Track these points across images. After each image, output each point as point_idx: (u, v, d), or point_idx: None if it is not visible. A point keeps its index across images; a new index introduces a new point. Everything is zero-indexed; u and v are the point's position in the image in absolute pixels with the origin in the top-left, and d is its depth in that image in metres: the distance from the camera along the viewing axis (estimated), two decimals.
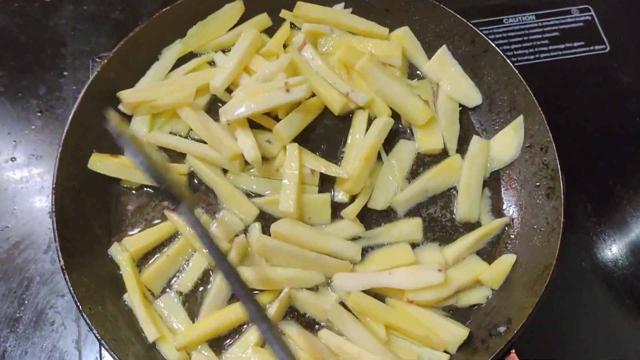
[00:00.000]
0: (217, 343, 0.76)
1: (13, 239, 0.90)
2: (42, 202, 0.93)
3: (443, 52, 0.90)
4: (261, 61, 0.88)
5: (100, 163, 0.82)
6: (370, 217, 0.83)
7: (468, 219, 0.83)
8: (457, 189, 0.84)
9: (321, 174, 0.81)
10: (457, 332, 0.73)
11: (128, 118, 0.87)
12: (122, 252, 0.78)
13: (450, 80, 0.89)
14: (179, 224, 0.80)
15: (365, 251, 0.80)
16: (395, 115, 0.87)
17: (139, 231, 0.81)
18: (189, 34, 0.92)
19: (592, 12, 1.09)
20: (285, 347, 0.60)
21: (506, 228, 0.83)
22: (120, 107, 0.86)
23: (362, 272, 0.77)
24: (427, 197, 0.85)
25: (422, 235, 0.81)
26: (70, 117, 0.80)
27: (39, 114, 1.01)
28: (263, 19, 0.94)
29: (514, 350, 0.68)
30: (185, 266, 0.80)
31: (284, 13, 0.94)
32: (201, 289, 0.79)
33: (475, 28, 0.86)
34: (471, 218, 0.83)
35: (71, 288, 0.70)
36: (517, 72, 0.82)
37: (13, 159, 0.97)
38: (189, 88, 0.85)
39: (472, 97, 0.89)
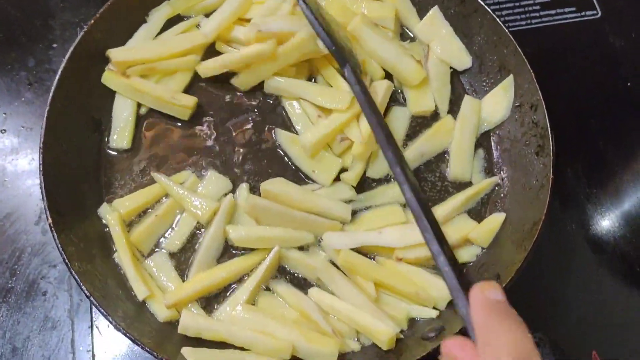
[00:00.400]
0: (208, 302, 0.76)
1: (4, 210, 0.91)
2: (33, 174, 0.93)
3: (435, 12, 0.89)
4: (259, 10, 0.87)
5: (112, 80, 0.85)
6: (364, 183, 0.83)
7: (460, 178, 0.83)
8: (449, 149, 0.85)
9: None
10: (446, 289, 0.73)
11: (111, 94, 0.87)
12: (112, 212, 0.78)
13: (441, 42, 0.89)
14: (167, 186, 0.80)
15: (355, 212, 0.81)
16: (387, 78, 0.87)
17: (128, 193, 0.81)
18: None
19: None
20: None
21: (496, 188, 0.83)
22: (109, 67, 0.85)
23: (352, 231, 0.77)
24: (424, 161, 0.85)
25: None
26: (56, 78, 0.79)
27: (29, 86, 1.00)
28: None
29: None
30: (174, 226, 0.80)
31: None
32: (190, 248, 0.80)
33: None
34: (463, 178, 0.83)
35: (59, 245, 0.71)
36: (507, 31, 0.82)
37: (3, 131, 0.97)
38: (181, 47, 0.85)
39: (463, 59, 0.89)
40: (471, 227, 0.78)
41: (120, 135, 0.85)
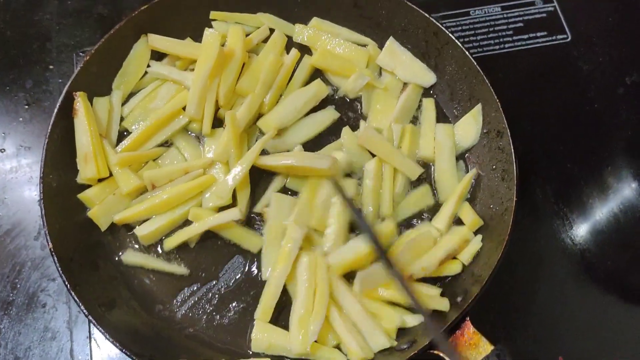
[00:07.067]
0: None
1: (4, 226, 0.94)
2: (32, 191, 0.97)
3: (391, 43, 0.95)
4: None
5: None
6: None
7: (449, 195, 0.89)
8: (435, 175, 0.90)
9: None
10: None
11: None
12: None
13: (403, 67, 0.94)
14: None
15: None
16: None
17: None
18: (115, 84, 0.93)
19: (555, 3, 1.13)
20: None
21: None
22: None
23: None
24: None
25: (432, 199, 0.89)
26: (55, 111, 0.84)
27: (27, 107, 1.03)
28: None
29: (468, 318, 0.73)
30: None
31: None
32: None
33: (436, 22, 0.90)
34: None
35: (60, 269, 0.76)
36: (475, 63, 0.87)
37: (2, 150, 1.00)
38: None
39: (426, 77, 0.94)
40: (465, 234, 0.83)
41: None
